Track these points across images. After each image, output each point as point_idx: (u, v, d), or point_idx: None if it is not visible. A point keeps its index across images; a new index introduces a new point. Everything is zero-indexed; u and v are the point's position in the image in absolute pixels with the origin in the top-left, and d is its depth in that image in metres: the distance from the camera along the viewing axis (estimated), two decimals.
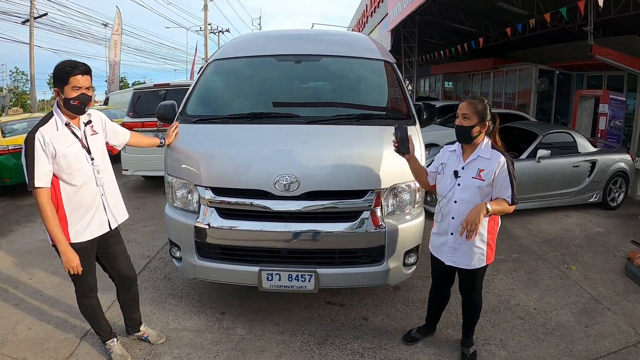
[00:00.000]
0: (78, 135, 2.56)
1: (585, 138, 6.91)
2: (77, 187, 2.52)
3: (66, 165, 2.46)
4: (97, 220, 2.65)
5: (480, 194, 2.58)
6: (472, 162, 2.63)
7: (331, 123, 3.24)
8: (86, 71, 2.46)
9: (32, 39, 21.24)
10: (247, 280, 3.05)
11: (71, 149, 2.49)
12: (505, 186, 2.53)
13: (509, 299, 3.84)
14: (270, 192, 2.90)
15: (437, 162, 2.84)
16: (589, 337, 3.28)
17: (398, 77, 3.71)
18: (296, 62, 3.79)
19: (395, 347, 3.12)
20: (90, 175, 2.58)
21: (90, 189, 2.58)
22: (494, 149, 2.62)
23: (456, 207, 2.65)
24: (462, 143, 2.69)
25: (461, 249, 2.69)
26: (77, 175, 2.51)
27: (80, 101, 2.45)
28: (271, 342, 3.16)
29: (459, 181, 2.64)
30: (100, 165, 2.65)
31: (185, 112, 3.49)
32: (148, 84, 8.57)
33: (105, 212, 2.69)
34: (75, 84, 2.42)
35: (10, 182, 7.59)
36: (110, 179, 2.75)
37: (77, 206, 2.54)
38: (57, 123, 2.49)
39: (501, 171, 2.53)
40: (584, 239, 5.40)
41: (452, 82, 21.48)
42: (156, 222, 5.99)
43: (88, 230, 2.60)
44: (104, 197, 2.68)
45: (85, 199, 2.57)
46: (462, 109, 2.60)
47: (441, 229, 2.78)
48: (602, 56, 8.32)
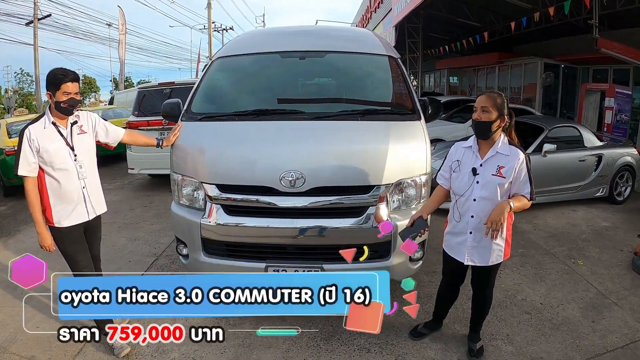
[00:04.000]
0: (63, 134, 2.82)
1: (591, 132, 6.87)
2: (59, 180, 2.80)
3: (48, 160, 2.74)
4: (78, 210, 2.91)
5: (500, 191, 2.54)
6: (490, 158, 2.57)
7: (336, 119, 3.24)
8: (75, 79, 2.78)
9: (36, 40, 21.33)
10: None
11: (54, 145, 2.77)
12: (524, 182, 2.52)
13: (516, 294, 3.83)
14: (275, 188, 2.91)
15: (449, 161, 2.77)
16: (596, 332, 3.27)
17: (403, 72, 3.70)
18: (300, 58, 3.78)
19: (402, 342, 3.13)
20: (72, 170, 2.84)
21: (71, 182, 2.84)
22: (512, 144, 2.58)
23: (475, 205, 2.60)
24: (480, 138, 2.61)
25: (480, 246, 2.66)
26: (59, 169, 2.79)
27: (69, 104, 2.75)
28: (277, 338, 3.16)
29: (477, 178, 2.59)
30: (84, 161, 2.89)
31: (190, 109, 3.50)
32: (153, 83, 8.59)
33: (85, 203, 2.93)
34: (66, 90, 2.71)
35: (18, 182, 7.62)
36: (93, 175, 2.99)
37: (59, 196, 2.83)
38: (45, 122, 2.80)
39: (521, 168, 2.51)
40: (590, 234, 5.37)
41: (457, 77, 21.38)
42: (163, 220, 6.02)
43: (69, 218, 2.87)
44: (85, 190, 2.92)
45: (67, 190, 2.83)
46: (482, 102, 2.53)
47: (458, 228, 2.73)
48: (608, 49, 8.26)
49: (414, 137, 3.13)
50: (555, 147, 6.00)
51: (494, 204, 2.53)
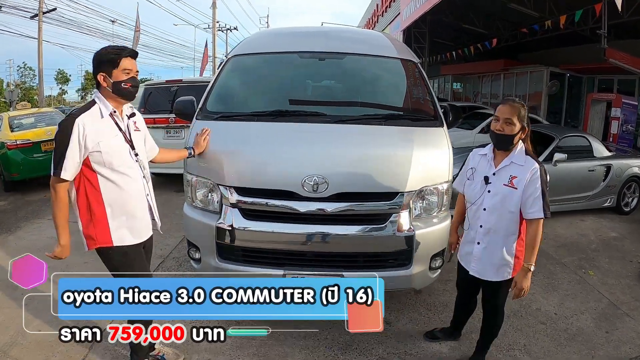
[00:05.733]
0: (121, 128, 2.35)
1: (600, 142, 6.88)
2: (119, 184, 2.32)
3: (107, 159, 2.26)
4: (144, 222, 2.47)
5: (511, 202, 2.46)
6: (504, 168, 2.50)
7: (359, 122, 3.17)
8: (134, 54, 2.33)
9: (40, 34, 21.19)
10: None
11: (115, 141, 2.30)
12: (536, 196, 2.39)
13: (530, 303, 3.81)
14: (297, 192, 2.83)
15: (466, 167, 2.72)
16: (610, 343, 3.27)
17: (423, 77, 3.66)
18: (320, 59, 3.72)
19: (421, 352, 3.08)
20: (135, 172, 2.37)
21: (135, 187, 2.38)
22: (528, 154, 2.49)
23: (485, 215, 2.54)
24: (500, 150, 2.54)
25: (486, 259, 2.59)
26: (120, 171, 2.31)
27: (132, 84, 2.29)
28: (294, 348, 3.09)
29: (489, 187, 2.53)
30: (144, 162, 2.47)
31: (206, 108, 3.39)
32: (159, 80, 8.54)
33: (152, 213, 2.53)
34: (127, 67, 2.26)
35: (19, 178, 7.56)
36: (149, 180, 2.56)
37: (120, 205, 2.34)
38: (102, 111, 2.29)
39: (533, 179, 2.40)
40: (599, 244, 5.38)
41: (461, 83, 21.44)
42: (167, 220, 5.89)
43: (134, 232, 2.41)
44: (149, 197, 2.50)
45: (129, 197, 2.36)
46: (505, 114, 2.42)
47: (468, 238, 2.68)
48: (616, 60, 8.27)
49: (437, 144, 3.08)
50: (565, 157, 5.98)
51: (502, 215, 2.48)
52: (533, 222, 2.44)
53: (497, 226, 2.51)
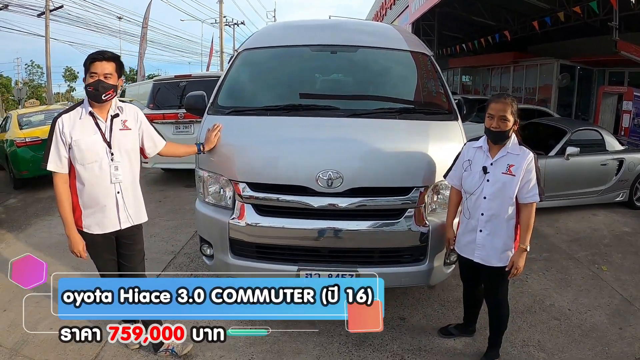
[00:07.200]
0: (101, 128, 2.52)
1: (612, 136, 6.79)
2: (88, 180, 2.50)
3: (79, 155, 2.46)
4: (109, 217, 2.60)
5: (509, 189, 2.57)
6: (501, 158, 2.61)
7: (373, 116, 3.13)
8: (106, 58, 2.44)
9: (47, 32, 21.26)
10: None
11: (88, 139, 2.47)
12: (532, 183, 2.55)
13: (544, 299, 3.79)
14: (311, 188, 2.80)
15: (460, 161, 2.78)
16: (624, 339, 3.24)
17: (437, 71, 3.60)
18: (332, 52, 3.68)
19: (435, 348, 3.06)
20: (105, 170, 2.52)
21: (103, 184, 2.53)
22: (522, 144, 2.63)
23: (486, 203, 2.63)
24: (496, 144, 2.64)
25: (488, 244, 2.66)
26: (90, 168, 2.49)
27: (94, 87, 2.41)
28: (307, 344, 3.08)
29: (488, 177, 2.62)
30: (122, 162, 2.57)
31: (217, 102, 3.35)
32: (168, 75, 8.53)
33: (117, 210, 2.61)
34: (93, 70, 2.41)
35: (28, 175, 7.59)
36: (132, 178, 2.67)
37: (88, 198, 2.54)
38: (82, 112, 2.51)
39: (530, 167, 2.56)
40: (612, 239, 5.33)
41: (470, 76, 21.28)
42: (178, 215, 5.95)
43: (99, 225, 2.59)
44: (119, 195, 2.60)
45: (96, 193, 2.53)
46: (500, 111, 2.54)
47: (469, 227, 2.73)
48: (628, 52, 8.16)
49: (452, 138, 3.05)
50: (578, 150, 5.91)
51: (504, 201, 2.59)
52: (528, 206, 2.59)
53: (498, 212, 2.61)
